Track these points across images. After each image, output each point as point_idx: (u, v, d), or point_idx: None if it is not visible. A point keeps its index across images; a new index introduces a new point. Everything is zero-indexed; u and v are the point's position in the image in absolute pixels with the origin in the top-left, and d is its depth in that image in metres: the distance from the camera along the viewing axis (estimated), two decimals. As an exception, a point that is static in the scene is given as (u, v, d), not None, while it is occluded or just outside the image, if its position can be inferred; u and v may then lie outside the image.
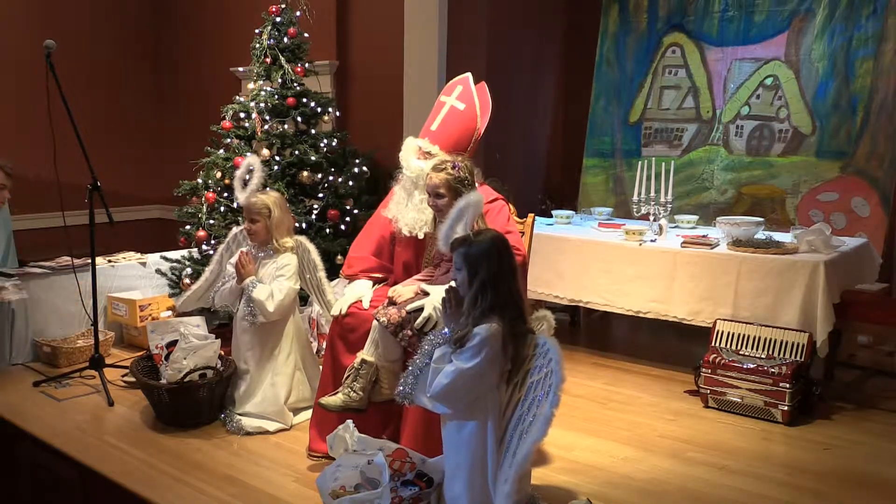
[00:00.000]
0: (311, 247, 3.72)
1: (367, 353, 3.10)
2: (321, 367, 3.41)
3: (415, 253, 3.31)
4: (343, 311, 3.22)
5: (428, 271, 3.24)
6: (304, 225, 4.40)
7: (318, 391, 3.32)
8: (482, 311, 2.41)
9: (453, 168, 2.99)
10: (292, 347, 3.68)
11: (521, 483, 2.37)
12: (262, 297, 3.51)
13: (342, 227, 4.64)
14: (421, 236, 3.24)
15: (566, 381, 2.29)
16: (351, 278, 3.43)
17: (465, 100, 3.31)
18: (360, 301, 3.24)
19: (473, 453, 2.43)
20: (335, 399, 3.07)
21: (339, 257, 4.39)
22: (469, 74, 3.41)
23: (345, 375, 3.13)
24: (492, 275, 2.43)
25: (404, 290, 3.12)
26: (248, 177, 3.72)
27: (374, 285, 3.38)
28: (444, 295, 2.55)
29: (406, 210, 3.24)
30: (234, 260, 3.69)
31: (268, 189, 3.96)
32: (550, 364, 2.33)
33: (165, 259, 4.93)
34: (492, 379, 2.42)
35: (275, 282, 3.57)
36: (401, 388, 2.53)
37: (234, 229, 3.93)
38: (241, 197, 3.68)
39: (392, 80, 5.34)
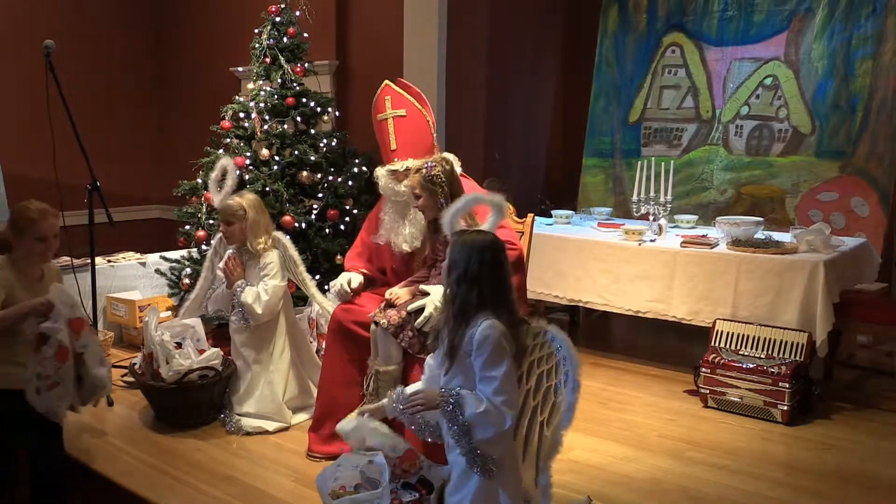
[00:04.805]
0: (288, 242, 3.72)
1: (375, 362, 3.12)
2: (320, 364, 3.43)
3: (407, 256, 3.34)
4: (338, 288, 3.30)
5: (422, 273, 3.25)
6: (303, 225, 4.40)
7: (319, 389, 3.33)
8: (459, 308, 2.33)
9: (426, 168, 3.04)
10: (286, 344, 3.69)
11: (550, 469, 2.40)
12: (250, 301, 3.52)
13: (342, 227, 4.64)
14: (408, 249, 3.28)
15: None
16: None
17: (401, 105, 3.35)
18: (351, 280, 3.30)
19: None
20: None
21: (339, 257, 4.38)
22: (387, 82, 3.42)
23: (364, 389, 3.14)
24: (471, 273, 2.34)
25: (401, 292, 3.13)
26: (222, 179, 3.72)
27: (366, 281, 3.40)
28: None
29: (394, 228, 3.30)
30: (221, 264, 3.70)
31: (245, 190, 3.93)
32: (561, 351, 2.33)
33: (165, 259, 4.93)
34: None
35: (261, 283, 3.58)
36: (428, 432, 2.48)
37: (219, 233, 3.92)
38: (216, 199, 3.70)
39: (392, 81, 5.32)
